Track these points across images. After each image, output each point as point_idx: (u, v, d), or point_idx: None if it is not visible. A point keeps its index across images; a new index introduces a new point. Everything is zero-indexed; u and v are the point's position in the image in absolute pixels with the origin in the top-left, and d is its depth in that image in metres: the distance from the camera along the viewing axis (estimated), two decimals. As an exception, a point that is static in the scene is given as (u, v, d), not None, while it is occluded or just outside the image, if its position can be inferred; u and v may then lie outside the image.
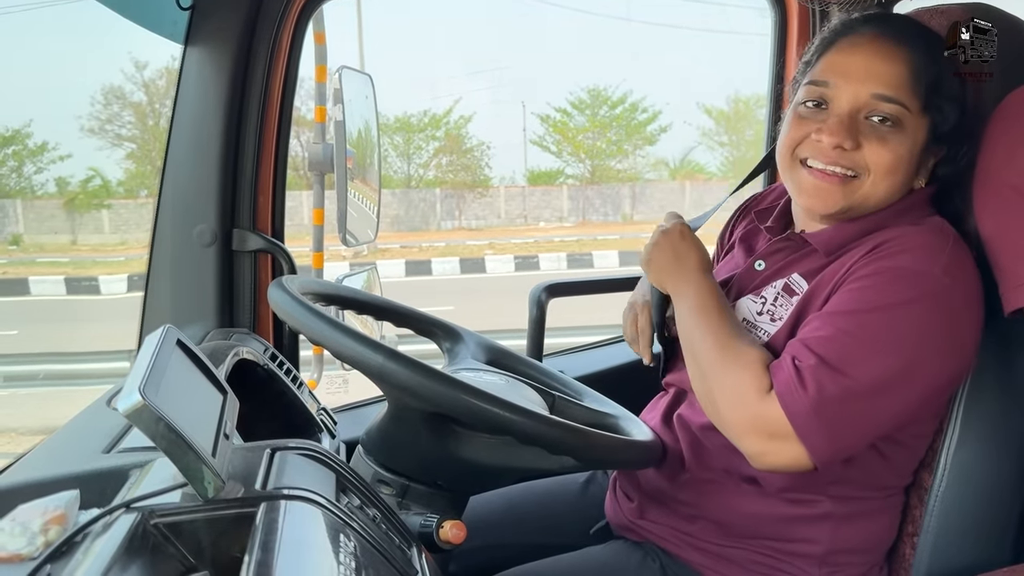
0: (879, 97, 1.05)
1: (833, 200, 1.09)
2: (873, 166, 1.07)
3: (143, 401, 0.68)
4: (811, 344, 1.02)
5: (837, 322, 1.03)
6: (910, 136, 1.06)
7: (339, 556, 0.71)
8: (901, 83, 1.05)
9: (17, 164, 18.93)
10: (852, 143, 1.06)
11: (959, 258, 1.05)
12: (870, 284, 1.03)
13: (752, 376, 1.03)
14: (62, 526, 0.74)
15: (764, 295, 1.17)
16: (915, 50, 1.06)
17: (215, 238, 1.62)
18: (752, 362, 1.05)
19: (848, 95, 1.07)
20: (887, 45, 1.06)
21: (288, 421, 1.47)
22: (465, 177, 22.13)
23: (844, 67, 1.08)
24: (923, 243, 1.05)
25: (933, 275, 1.01)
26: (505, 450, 1.10)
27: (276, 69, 1.63)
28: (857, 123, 1.06)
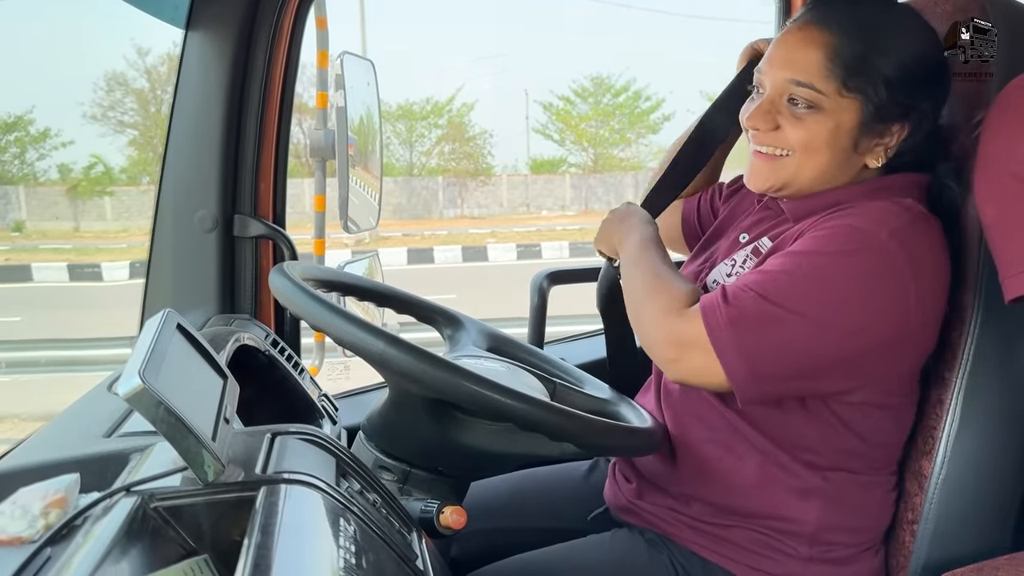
0: (792, 82, 1.10)
1: (762, 177, 1.17)
2: (795, 144, 1.12)
3: (143, 385, 0.68)
4: (744, 279, 1.09)
5: (772, 263, 1.08)
6: (831, 117, 1.09)
7: (339, 540, 0.71)
8: (815, 68, 1.09)
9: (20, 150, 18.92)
10: (768, 124, 1.13)
11: (916, 231, 1.07)
12: (812, 236, 1.08)
13: (677, 297, 1.11)
14: (62, 509, 0.74)
15: (735, 258, 1.22)
16: (837, 34, 1.09)
17: (216, 224, 1.62)
18: (680, 287, 1.13)
19: (770, 81, 1.13)
20: (809, 32, 1.10)
21: (289, 407, 1.47)
22: (467, 165, 22.10)
23: (772, 56, 1.14)
24: (877, 209, 1.08)
25: (877, 236, 1.04)
26: (506, 437, 1.10)
27: (277, 54, 1.62)
28: (778, 106, 1.13)
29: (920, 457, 1.17)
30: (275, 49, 1.62)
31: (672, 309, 1.10)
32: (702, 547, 1.21)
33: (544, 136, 23.04)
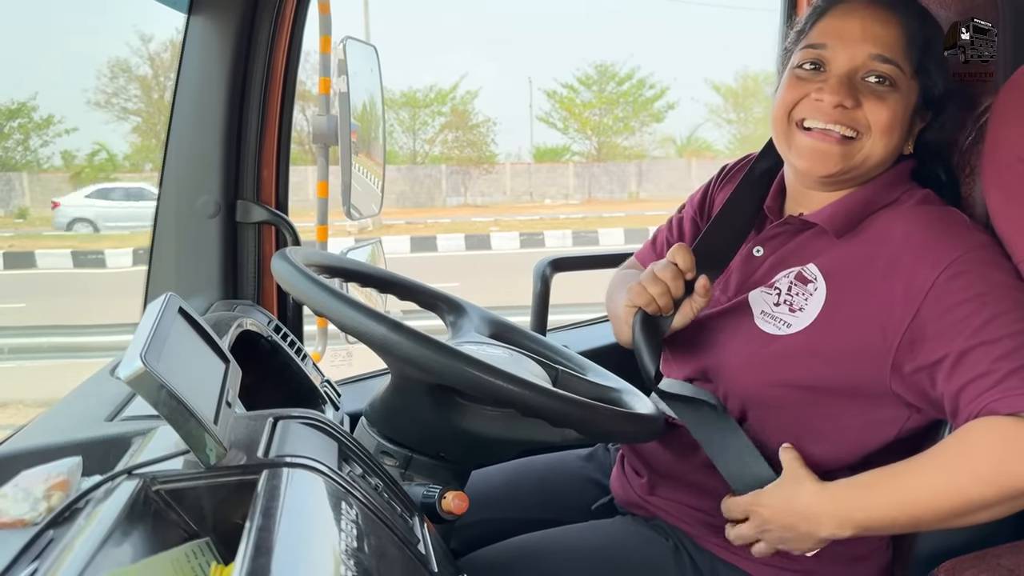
0: (876, 58, 1.08)
1: (833, 161, 1.10)
2: (873, 124, 1.09)
3: (145, 368, 0.68)
4: (987, 365, 0.97)
5: (975, 324, 0.99)
6: (904, 97, 1.09)
7: (340, 523, 0.71)
8: (896, 45, 1.08)
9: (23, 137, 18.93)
10: (853, 101, 1.08)
11: (976, 225, 1.08)
12: (960, 280, 1.01)
13: (991, 446, 0.95)
14: (64, 492, 0.74)
15: (777, 286, 1.16)
16: (907, 15, 1.10)
17: (219, 209, 1.61)
18: (973, 445, 0.97)
19: (846, 56, 1.09)
20: (881, 9, 1.09)
21: (292, 393, 1.47)
22: (471, 153, 22.08)
23: (841, 30, 1.10)
24: (928, 214, 1.08)
25: (981, 237, 1.04)
26: (508, 422, 1.10)
27: (280, 39, 1.62)
28: (855, 83, 1.09)
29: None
30: (277, 34, 1.61)
31: (1010, 458, 0.94)
32: (715, 544, 1.21)
33: (548, 124, 23.04)
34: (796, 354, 1.11)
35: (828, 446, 1.14)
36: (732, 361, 1.17)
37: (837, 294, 1.10)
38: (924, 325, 1.02)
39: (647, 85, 22.14)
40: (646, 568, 1.22)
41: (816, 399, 1.12)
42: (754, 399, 1.16)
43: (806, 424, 1.13)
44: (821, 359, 1.09)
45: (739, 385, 1.16)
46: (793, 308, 1.13)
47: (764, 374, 1.13)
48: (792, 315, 1.12)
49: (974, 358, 0.98)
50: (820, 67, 1.12)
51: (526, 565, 1.21)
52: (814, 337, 1.10)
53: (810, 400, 1.12)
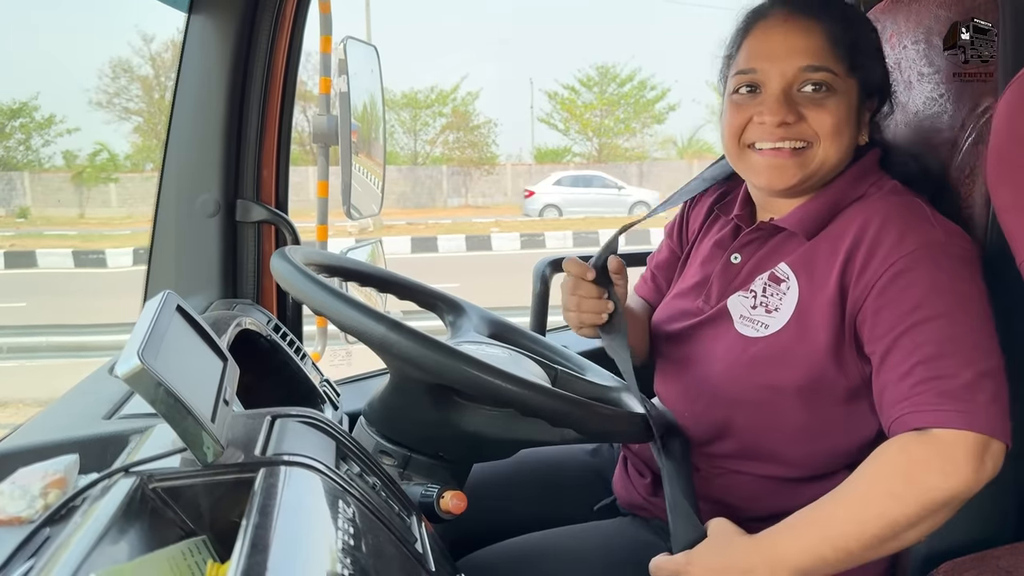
0: (807, 68, 1.09)
1: (790, 173, 1.12)
2: (820, 131, 1.10)
3: (142, 365, 0.68)
4: (916, 370, 0.99)
5: (917, 325, 1.01)
6: (844, 97, 1.11)
7: (338, 522, 0.71)
8: (823, 50, 1.09)
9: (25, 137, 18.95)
10: (794, 116, 1.10)
11: (933, 210, 1.09)
12: (906, 282, 1.03)
13: (906, 464, 0.97)
14: (61, 490, 0.74)
15: (753, 289, 1.18)
16: (828, 18, 1.11)
17: (219, 208, 1.61)
18: (889, 469, 0.98)
19: (777, 74, 1.11)
20: (800, 20, 1.11)
21: (291, 392, 1.47)
22: (472, 154, 22.10)
23: (767, 50, 1.12)
24: (897, 207, 1.09)
25: (941, 240, 1.05)
26: (507, 422, 1.10)
27: (280, 38, 1.62)
28: (793, 97, 1.11)
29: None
30: (278, 33, 1.61)
31: (923, 472, 0.95)
32: None
33: (549, 125, 23.05)
34: (775, 355, 1.12)
35: (822, 444, 1.15)
36: (716, 368, 1.18)
37: (808, 290, 1.12)
38: (866, 318, 1.06)
39: (648, 87, 22.16)
40: (645, 571, 1.21)
41: (802, 398, 1.12)
42: (741, 403, 1.16)
43: (795, 424, 1.14)
44: (799, 357, 1.11)
45: (725, 391, 1.17)
46: (769, 309, 1.15)
47: (748, 378, 1.14)
48: (769, 316, 1.14)
49: (897, 358, 1.01)
50: (755, 89, 1.13)
51: (525, 566, 1.21)
52: (790, 336, 1.11)
53: (796, 400, 1.12)
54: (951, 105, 1.18)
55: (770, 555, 1.00)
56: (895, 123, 1.30)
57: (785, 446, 1.16)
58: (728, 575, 1.02)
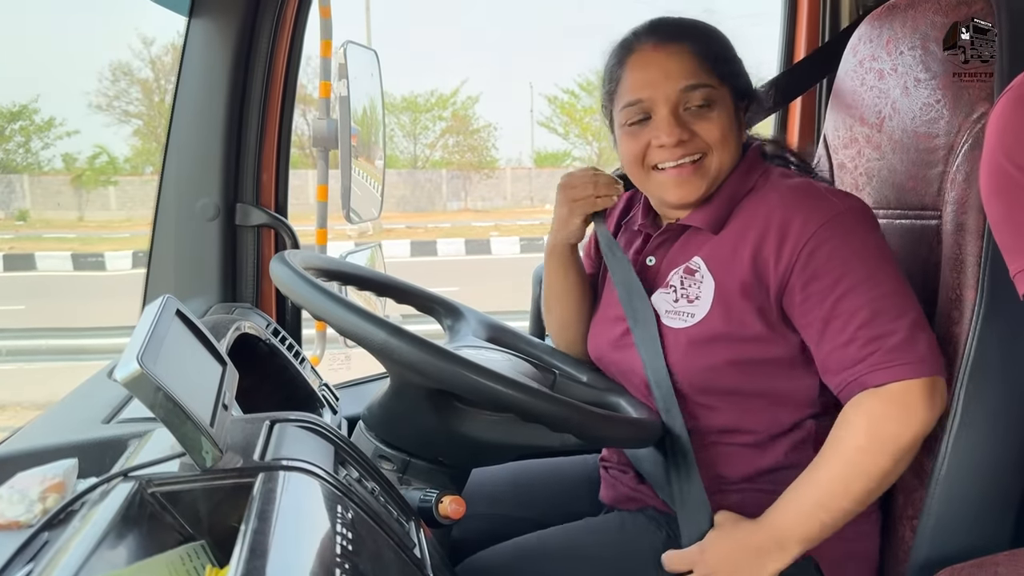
0: (687, 88, 1.17)
1: (696, 184, 1.20)
2: (711, 141, 1.19)
3: (141, 370, 0.68)
4: (853, 325, 1.08)
5: (842, 292, 1.09)
6: (723, 106, 1.19)
7: (336, 527, 0.71)
8: (696, 69, 1.18)
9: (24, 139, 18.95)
10: (687, 132, 1.18)
11: (829, 190, 1.18)
12: (826, 249, 1.10)
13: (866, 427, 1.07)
14: (60, 494, 0.74)
15: (671, 284, 1.23)
16: (691, 40, 1.19)
17: (218, 212, 1.62)
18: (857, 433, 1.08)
19: (663, 99, 1.18)
20: (669, 46, 1.19)
21: (290, 396, 1.47)
22: (472, 158, 22.10)
23: (647, 80, 1.19)
24: (792, 190, 1.17)
25: (841, 205, 1.13)
26: (506, 427, 1.10)
27: (281, 42, 1.62)
28: (681, 117, 1.19)
29: (921, 452, 1.16)
30: (278, 37, 1.61)
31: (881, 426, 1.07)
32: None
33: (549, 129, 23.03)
34: (709, 339, 1.17)
35: (775, 408, 1.20)
36: (660, 364, 1.21)
37: (723, 281, 1.18)
38: (793, 295, 1.13)
39: (648, 91, 22.15)
40: (641, 558, 1.22)
41: (743, 373, 1.18)
42: (702, 389, 1.20)
43: (745, 396, 1.19)
44: (731, 340, 1.16)
45: (680, 383, 1.20)
46: (690, 299, 1.20)
47: (688, 364, 1.19)
48: (691, 305, 1.20)
49: (836, 327, 1.10)
50: (646, 117, 1.20)
51: (524, 567, 1.21)
52: (717, 321, 1.17)
53: (739, 375, 1.18)
54: (947, 110, 1.19)
55: (774, 531, 1.10)
56: (893, 128, 1.30)
57: (741, 416, 1.20)
58: (741, 557, 1.11)
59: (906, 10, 1.28)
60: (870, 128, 1.36)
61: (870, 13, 1.39)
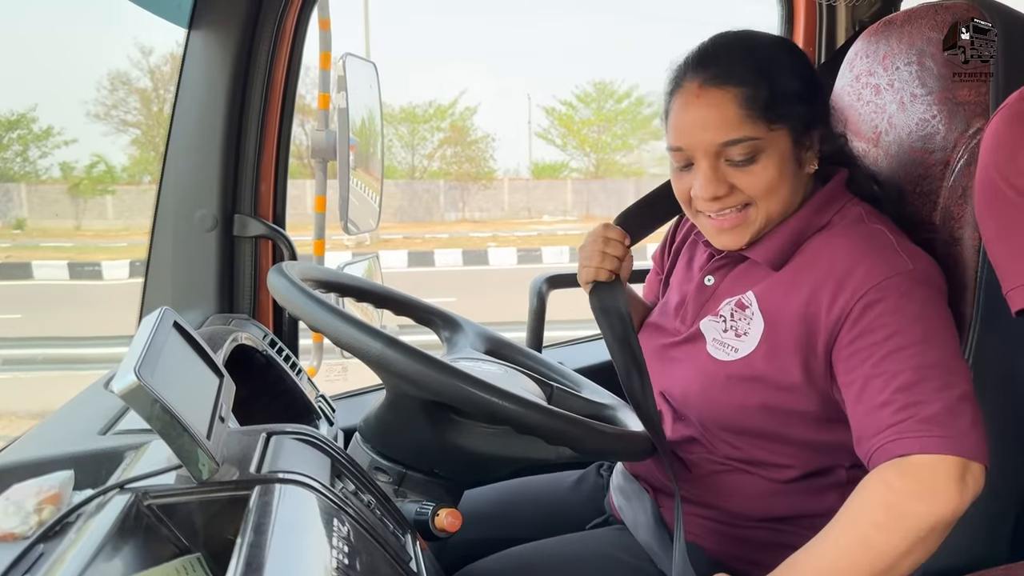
0: (726, 144, 1.09)
1: (739, 234, 1.15)
2: (754, 193, 1.11)
3: (138, 382, 0.68)
4: (890, 397, 1.00)
5: (886, 353, 1.02)
6: (774, 153, 1.10)
7: (332, 540, 0.71)
8: (739, 120, 1.08)
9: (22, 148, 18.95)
10: (724, 188, 1.11)
11: (902, 238, 1.11)
12: (879, 313, 1.04)
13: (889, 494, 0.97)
14: (56, 506, 0.74)
15: (722, 313, 1.19)
16: (742, 82, 1.08)
17: (216, 223, 1.62)
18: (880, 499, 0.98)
19: (701, 152, 1.11)
20: (712, 92, 1.09)
21: (286, 407, 1.47)
22: (469, 169, 22.13)
23: (686, 128, 1.11)
24: (862, 237, 1.10)
25: (908, 268, 1.06)
26: (503, 440, 1.10)
27: (280, 54, 1.62)
28: (721, 169, 1.11)
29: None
30: (278, 49, 1.62)
31: (903, 501, 0.96)
32: (722, 553, 1.21)
33: (546, 141, 23.09)
34: (747, 378, 1.13)
35: (800, 454, 1.17)
36: (693, 389, 1.20)
37: (773, 320, 1.13)
38: (840, 349, 1.06)
39: (646, 103, 22.21)
40: (639, 572, 1.22)
41: (775, 418, 1.14)
42: (725, 424, 1.18)
43: (771, 439, 1.16)
44: (770, 384, 1.12)
45: (706, 414, 1.18)
46: (739, 333, 1.16)
47: (724, 400, 1.16)
48: (738, 340, 1.15)
49: (874, 388, 1.01)
50: (688, 164, 1.14)
51: None
52: (759, 362, 1.13)
53: (771, 419, 1.14)
54: (943, 126, 1.19)
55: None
56: (889, 142, 1.31)
57: (765, 455, 1.17)
58: None
59: (902, 26, 1.29)
60: (867, 143, 1.37)
61: (866, 29, 1.40)
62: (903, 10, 1.36)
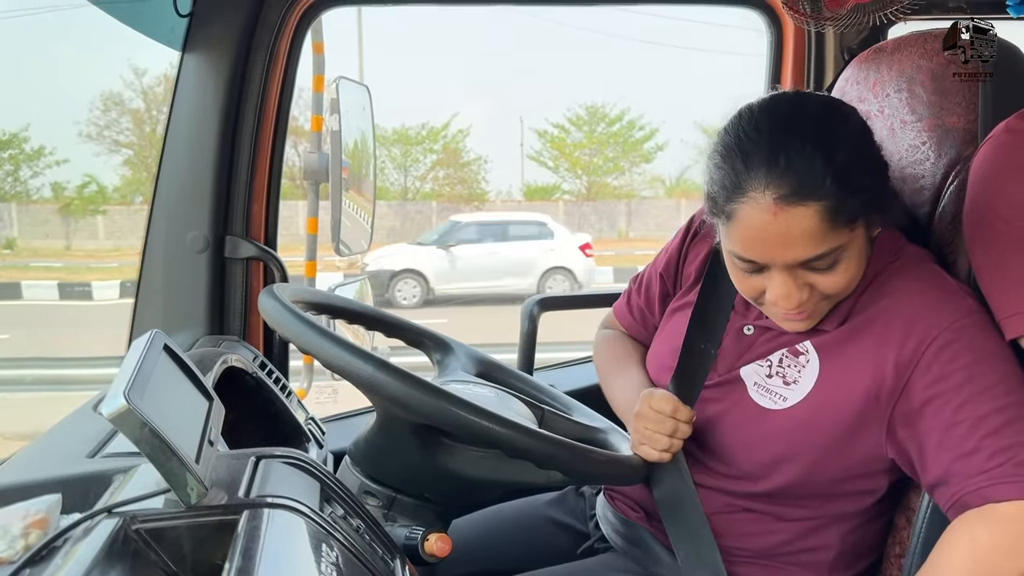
0: (813, 259, 1.00)
1: (811, 322, 1.09)
2: (836, 292, 1.05)
3: (127, 405, 0.68)
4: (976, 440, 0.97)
5: (961, 402, 0.99)
6: (854, 250, 1.03)
7: (321, 566, 0.70)
8: (822, 236, 0.98)
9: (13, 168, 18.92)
10: (806, 292, 1.04)
11: (963, 287, 1.07)
12: (954, 355, 1.01)
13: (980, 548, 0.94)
14: (43, 530, 0.73)
15: (770, 359, 1.15)
16: (824, 197, 0.96)
17: (207, 244, 1.62)
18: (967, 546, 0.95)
19: (780, 265, 1.02)
20: (793, 211, 0.97)
21: (276, 430, 1.46)
22: (462, 190, 22.21)
23: (763, 245, 1.00)
24: (925, 281, 1.07)
25: (973, 305, 1.03)
26: (493, 464, 1.10)
27: (273, 77, 1.63)
28: (800, 276, 1.03)
29: (908, 491, 1.16)
30: (271, 72, 1.62)
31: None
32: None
33: (538, 163, 23.18)
34: (795, 428, 1.10)
35: (841, 502, 1.14)
36: (730, 436, 1.16)
37: (830, 367, 1.09)
38: (912, 396, 1.02)
39: (637, 126, 22.36)
40: None
41: (819, 465, 1.10)
42: (759, 464, 1.14)
43: (813, 484, 1.12)
44: (819, 430, 1.08)
45: (742, 459, 1.15)
46: (787, 381, 1.12)
47: (763, 447, 1.12)
48: (787, 388, 1.11)
49: (959, 433, 0.98)
50: (759, 269, 1.05)
51: None
52: (811, 410, 1.09)
53: (814, 466, 1.10)
54: (933, 152, 1.20)
55: None
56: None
57: (792, 497, 1.14)
58: None
59: (892, 53, 1.30)
60: (856, 168, 1.38)
61: (856, 56, 1.42)
62: (892, 38, 1.37)
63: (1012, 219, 1.00)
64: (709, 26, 20.95)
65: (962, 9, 1.56)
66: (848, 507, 1.14)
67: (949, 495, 0.99)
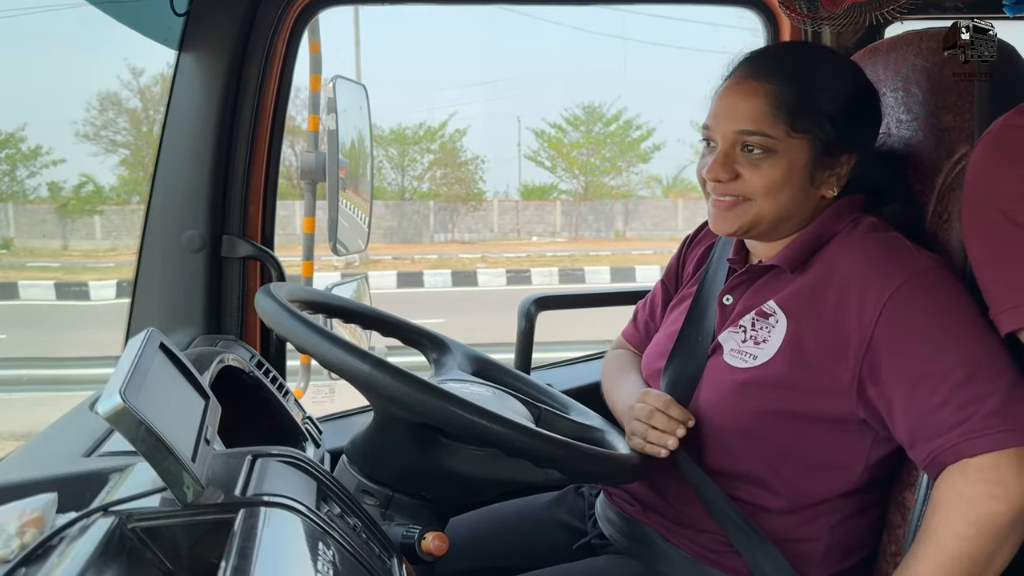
0: (742, 132, 1.14)
1: (728, 222, 1.19)
2: (754, 189, 1.15)
3: (123, 404, 0.67)
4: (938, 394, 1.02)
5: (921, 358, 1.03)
6: (784, 158, 1.14)
7: (317, 564, 0.70)
8: (760, 115, 1.13)
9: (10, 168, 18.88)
10: (728, 175, 1.16)
11: (921, 249, 1.11)
12: (907, 312, 1.05)
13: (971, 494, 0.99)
14: (38, 529, 0.73)
15: (742, 324, 1.20)
16: (775, 81, 1.14)
17: (204, 244, 1.61)
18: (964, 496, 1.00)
19: (721, 135, 1.17)
20: (747, 84, 1.16)
21: (273, 429, 1.46)
22: (459, 190, 22.18)
23: (718, 111, 1.18)
24: (878, 243, 1.12)
25: (930, 264, 1.08)
26: (490, 462, 1.10)
27: (270, 77, 1.63)
28: (734, 157, 1.16)
29: (903, 488, 1.17)
30: (268, 71, 1.62)
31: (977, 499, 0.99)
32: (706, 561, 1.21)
33: (535, 163, 23.17)
34: (765, 384, 1.14)
35: (809, 475, 1.16)
36: (709, 397, 1.20)
37: (797, 325, 1.13)
38: (878, 352, 1.06)
39: (634, 126, 22.35)
40: None
41: (794, 428, 1.14)
42: (737, 431, 1.17)
43: (783, 451, 1.16)
44: (790, 387, 1.12)
45: (720, 419, 1.18)
46: (757, 341, 1.17)
47: (738, 403, 1.16)
48: (757, 347, 1.16)
49: (928, 387, 1.02)
50: (711, 143, 1.20)
51: None
52: (780, 367, 1.13)
53: (789, 429, 1.14)
54: (928, 151, 1.21)
55: None
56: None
57: (773, 472, 1.17)
58: None
59: (888, 53, 1.30)
60: (852, 167, 1.38)
61: (852, 55, 1.42)
62: (888, 37, 1.38)
63: (1012, 213, 1.00)
64: (704, 25, 20.95)
65: (958, 9, 1.57)
66: (827, 489, 1.16)
67: (925, 453, 1.03)
